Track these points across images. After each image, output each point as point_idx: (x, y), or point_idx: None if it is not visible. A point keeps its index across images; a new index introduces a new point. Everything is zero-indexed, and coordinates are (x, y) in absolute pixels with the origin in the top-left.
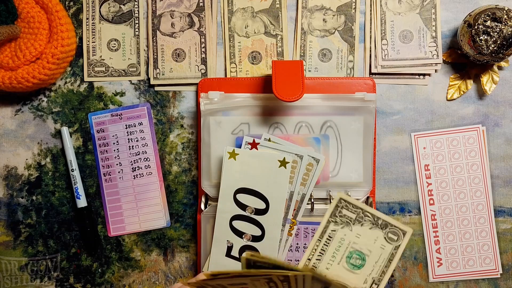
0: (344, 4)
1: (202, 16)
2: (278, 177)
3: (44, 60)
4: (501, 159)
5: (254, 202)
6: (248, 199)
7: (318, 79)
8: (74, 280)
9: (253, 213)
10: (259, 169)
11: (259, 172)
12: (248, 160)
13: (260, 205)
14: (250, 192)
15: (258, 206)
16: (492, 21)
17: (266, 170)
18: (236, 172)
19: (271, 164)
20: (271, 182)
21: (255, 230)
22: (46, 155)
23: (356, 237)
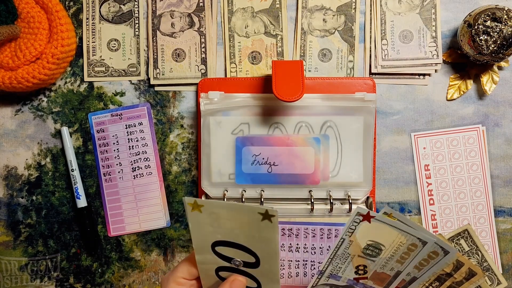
0: (344, 4)
1: (202, 16)
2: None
3: (44, 60)
4: (501, 159)
5: (239, 255)
6: (231, 252)
7: (318, 79)
8: (74, 280)
9: (241, 266)
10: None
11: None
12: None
13: (248, 258)
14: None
15: (245, 259)
16: (492, 21)
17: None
18: (207, 224)
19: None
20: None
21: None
22: (46, 155)
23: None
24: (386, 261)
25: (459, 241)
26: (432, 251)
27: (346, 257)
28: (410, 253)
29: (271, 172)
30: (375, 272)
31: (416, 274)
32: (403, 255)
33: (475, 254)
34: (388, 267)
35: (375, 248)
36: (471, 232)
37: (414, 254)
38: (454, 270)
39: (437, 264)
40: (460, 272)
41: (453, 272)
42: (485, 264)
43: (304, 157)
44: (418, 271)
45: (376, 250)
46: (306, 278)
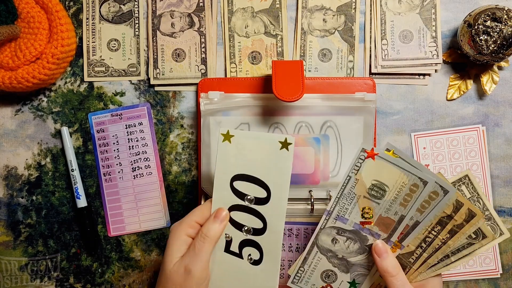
0: (344, 4)
1: (202, 16)
2: (280, 161)
3: (44, 60)
4: (501, 159)
5: (253, 190)
6: (247, 187)
7: (318, 79)
8: (74, 280)
9: (253, 203)
10: (257, 152)
11: (258, 156)
12: (245, 143)
13: (261, 193)
14: (248, 179)
15: (258, 194)
16: (492, 21)
17: (265, 153)
18: (232, 156)
19: (272, 146)
20: (271, 166)
21: (256, 222)
22: (46, 155)
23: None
24: (390, 203)
25: (461, 187)
26: (433, 191)
27: (352, 197)
28: (412, 194)
29: None
30: (380, 217)
31: (419, 218)
32: (405, 197)
33: (476, 202)
34: (392, 211)
35: (379, 189)
36: (471, 178)
37: (416, 196)
38: (454, 212)
39: (438, 205)
40: (460, 213)
41: (453, 214)
42: (487, 213)
43: (304, 157)
44: (420, 214)
45: (381, 191)
46: None
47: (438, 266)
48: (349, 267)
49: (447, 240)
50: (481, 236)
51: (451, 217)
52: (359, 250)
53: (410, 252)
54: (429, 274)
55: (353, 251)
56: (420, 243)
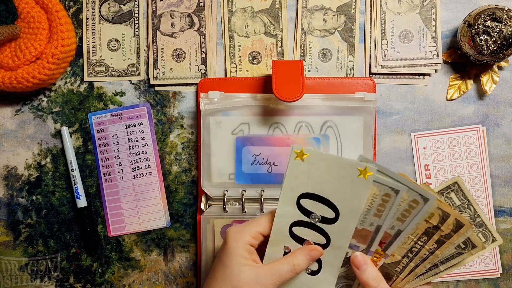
0: (344, 4)
1: (202, 16)
2: (356, 188)
3: (44, 60)
4: (501, 159)
5: (321, 209)
6: (313, 205)
7: (318, 79)
8: (74, 280)
9: (318, 221)
10: (332, 175)
11: (332, 179)
12: (319, 164)
13: (328, 213)
14: (317, 198)
15: (325, 214)
16: (492, 21)
17: (341, 178)
18: (303, 174)
19: (348, 172)
20: (346, 191)
21: (319, 237)
22: (46, 155)
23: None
24: (364, 215)
25: (449, 195)
26: (412, 199)
27: None
28: (385, 204)
29: (271, 172)
30: (356, 230)
31: (400, 227)
32: (379, 207)
33: (467, 208)
34: (367, 223)
35: None
36: (461, 185)
37: (389, 205)
38: (440, 222)
39: (419, 214)
40: (447, 224)
41: (439, 225)
42: (478, 220)
43: None
44: (401, 223)
45: None
46: None
47: (427, 275)
48: None
49: (435, 250)
50: (470, 246)
51: (438, 227)
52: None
53: (396, 262)
54: (417, 282)
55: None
56: (406, 253)
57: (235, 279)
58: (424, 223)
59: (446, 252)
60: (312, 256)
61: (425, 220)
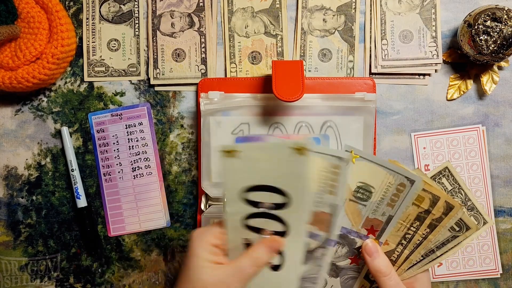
0: (344, 4)
1: (202, 16)
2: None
3: (44, 60)
4: (501, 159)
5: (269, 197)
6: (261, 196)
7: (318, 79)
8: (74, 280)
9: (271, 209)
10: (270, 162)
11: (271, 165)
12: (253, 156)
13: (277, 199)
14: (262, 188)
15: (275, 200)
16: (492, 21)
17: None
18: (240, 171)
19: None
20: (288, 172)
21: (276, 225)
22: (46, 155)
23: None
24: (377, 205)
25: (441, 180)
26: (399, 183)
27: None
28: (400, 194)
29: None
30: (367, 219)
31: (391, 212)
32: (393, 197)
33: (458, 193)
34: (380, 212)
35: (365, 191)
36: (451, 170)
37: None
38: (431, 206)
39: (407, 197)
40: (438, 207)
41: (430, 208)
42: (469, 203)
43: None
44: (391, 208)
45: (367, 193)
46: None
47: (424, 261)
48: (338, 272)
49: (428, 235)
50: (464, 228)
51: (429, 211)
52: (348, 254)
53: (391, 250)
54: (416, 270)
55: (342, 255)
56: (400, 240)
57: (196, 280)
58: (416, 208)
59: (440, 236)
60: (271, 246)
61: (416, 204)
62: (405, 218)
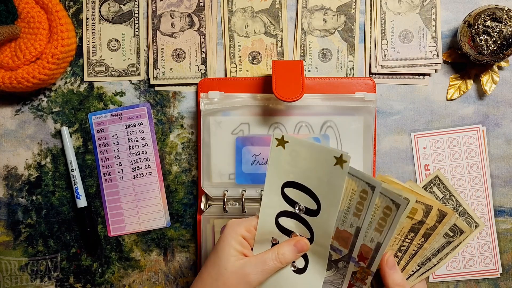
0: (344, 4)
1: (202, 16)
2: (332, 177)
3: (44, 60)
4: (501, 159)
5: (304, 199)
6: (297, 195)
7: (318, 79)
8: (74, 280)
9: (303, 212)
10: (310, 162)
11: (312, 167)
12: (299, 150)
13: (311, 204)
14: (299, 187)
15: (308, 205)
16: (492, 21)
17: (318, 165)
18: (286, 162)
19: (325, 160)
20: (323, 180)
21: (304, 231)
22: (46, 155)
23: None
24: (344, 214)
25: (432, 189)
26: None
27: None
28: (363, 202)
29: None
30: (337, 230)
31: (379, 239)
32: (357, 206)
33: (450, 200)
34: (348, 223)
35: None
36: (442, 178)
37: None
38: (425, 216)
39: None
40: (431, 216)
41: (424, 219)
42: (461, 208)
43: None
44: (380, 234)
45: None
46: None
47: (421, 270)
48: None
49: (423, 244)
50: (458, 232)
51: (423, 222)
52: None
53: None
54: (413, 281)
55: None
56: (395, 253)
57: (222, 266)
58: (409, 220)
59: (435, 243)
60: (297, 247)
61: (410, 217)
62: (399, 232)
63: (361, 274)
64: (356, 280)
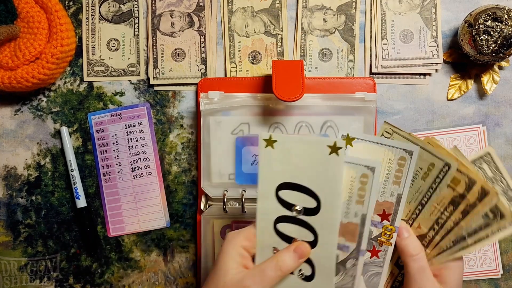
0: (344, 4)
1: (202, 16)
2: (330, 167)
3: (43, 60)
4: (502, 159)
5: (301, 199)
6: (294, 197)
7: (318, 79)
8: (74, 281)
9: (302, 213)
10: (304, 158)
11: (306, 162)
12: (290, 148)
13: (310, 203)
14: (295, 187)
15: (307, 204)
16: (493, 20)
17: (313, 159)
18: (276, 163)
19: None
20: (320, 174)
21: (306, 234)
22: (46, 155)
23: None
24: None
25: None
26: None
27: None
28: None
29: None
30: (341, 225)
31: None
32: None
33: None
34: (352, 213)
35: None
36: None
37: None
38: (466, 190)
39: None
40: (473, 192)
41: (466, 193)
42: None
43: None
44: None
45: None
46: None
47: (454, 249)
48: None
49: (460, 221)
50: (499, 216)
51: (464, 196)
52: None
53: (423, 235)
54: (445, 257)
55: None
56: (432, 225)
57: (221, 280)
58: (451, 191)
59: (472, 223)
60: (298, 253)
61: (451, 187)
62: (439, 201)
63: (385, 235)
64: (380, 243)
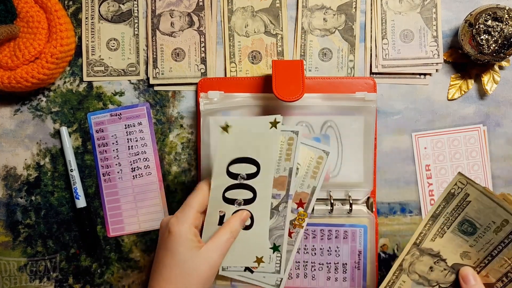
0: (345, 3)
1: (201, 16)
2: (269, 138)
3: (43, 60)
4: (502, 159)
5: (245, 168)
6: (240, 168)
7: (319, 79)
8: (73, 281)
9: (244, 179)
10: (251, 136)
11: (252, 137)
12: (241, 129)
13: (251, 169)
14: (242, 160)
15: (249, 171)
16: (493, 20)
17: (258, 133)
18: (230, 145)
19: (263, 127)
20: (262, 145)
21: (247, 194)
22: (45, 155)
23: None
24: (277, 163)
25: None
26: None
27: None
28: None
29: None
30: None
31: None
32: (287, 152)
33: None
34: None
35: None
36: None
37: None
38: None
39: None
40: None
41: None
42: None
43: None
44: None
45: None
46: (306, 279)
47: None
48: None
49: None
50: None
51: None
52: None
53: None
54: None
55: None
56: (501, 277)
57: (188, 265)
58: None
59: None
60: (243, 219)
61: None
62: (510, 256)
63: (299, 219)
64: (294, 226)
